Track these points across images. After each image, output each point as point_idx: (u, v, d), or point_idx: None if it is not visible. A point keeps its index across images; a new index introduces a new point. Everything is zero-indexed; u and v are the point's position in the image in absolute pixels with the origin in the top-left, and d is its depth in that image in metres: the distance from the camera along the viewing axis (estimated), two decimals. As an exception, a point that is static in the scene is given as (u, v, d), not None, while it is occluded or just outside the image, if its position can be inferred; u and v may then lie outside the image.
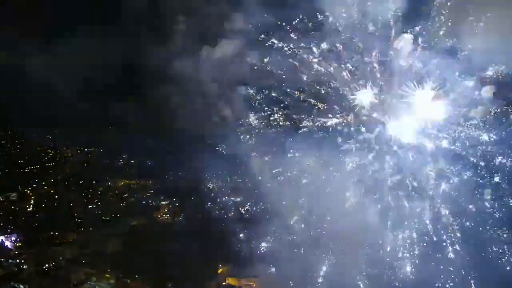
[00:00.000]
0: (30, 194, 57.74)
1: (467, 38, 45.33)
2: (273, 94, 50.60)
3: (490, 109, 47.53)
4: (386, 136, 52.05)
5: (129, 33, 53.83)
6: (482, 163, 50.12)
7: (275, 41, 48.53)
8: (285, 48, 49.11)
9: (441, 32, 46.24)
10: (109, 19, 54.51)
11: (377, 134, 52.40)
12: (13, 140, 61.33)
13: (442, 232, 51.22)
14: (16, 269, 50.82)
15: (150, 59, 52.47)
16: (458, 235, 50.74)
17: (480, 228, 50.23)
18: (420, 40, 47.00)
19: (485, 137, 48.87)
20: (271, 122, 53.67)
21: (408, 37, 46.69)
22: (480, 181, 50.72)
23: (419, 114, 49.31)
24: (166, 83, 52.00)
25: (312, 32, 48.49)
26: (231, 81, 49.58)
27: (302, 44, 48.97)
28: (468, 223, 50.56)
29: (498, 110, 47.67)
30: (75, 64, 55.30)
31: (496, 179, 50.52)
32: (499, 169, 49.94)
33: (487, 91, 47.13)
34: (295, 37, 48.77)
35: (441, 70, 46.58)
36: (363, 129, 52.23)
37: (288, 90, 49.36)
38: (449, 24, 45.67)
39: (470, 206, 51.00)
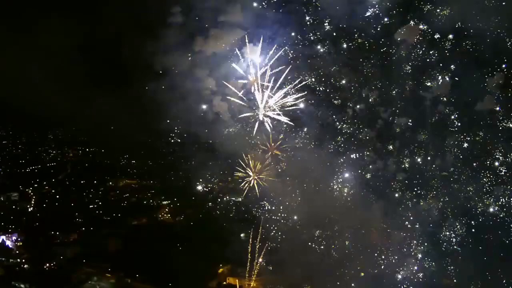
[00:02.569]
0: (31, 194, 57.96)
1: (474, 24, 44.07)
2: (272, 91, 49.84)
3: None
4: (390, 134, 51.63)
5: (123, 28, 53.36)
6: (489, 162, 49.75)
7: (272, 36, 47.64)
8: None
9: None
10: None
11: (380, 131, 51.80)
12: (14, 140, 61.67)
13: (446, 231, 50.97)
14: (17, 268, 50.92)
15: (145, 55, 52.05)
16: (463, 235, 50.43)
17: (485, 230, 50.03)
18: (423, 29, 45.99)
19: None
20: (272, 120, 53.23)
21: (411, 27, 45.65)
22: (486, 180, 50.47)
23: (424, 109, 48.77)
24: (162, 80, 51.75)
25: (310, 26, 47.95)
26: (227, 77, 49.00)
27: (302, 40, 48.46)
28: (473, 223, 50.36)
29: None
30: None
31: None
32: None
33: (494, 83, 45.81)
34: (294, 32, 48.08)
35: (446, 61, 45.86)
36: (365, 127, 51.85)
37: (287, 87, 48.74)
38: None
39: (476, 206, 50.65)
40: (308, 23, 47.96)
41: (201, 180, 59.35)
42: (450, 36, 46.09)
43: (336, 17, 46.66)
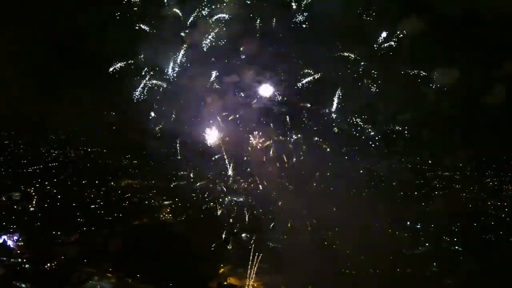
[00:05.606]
0: (33, 194, 58.03)
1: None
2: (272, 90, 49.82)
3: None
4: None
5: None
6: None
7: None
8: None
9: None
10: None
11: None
12: (16, 140, 61.93)
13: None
14: (18, 268, 50.86)
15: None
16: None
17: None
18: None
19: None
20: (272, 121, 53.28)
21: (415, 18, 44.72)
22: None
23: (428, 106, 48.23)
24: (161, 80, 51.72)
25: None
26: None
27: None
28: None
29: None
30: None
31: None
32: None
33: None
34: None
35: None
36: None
37: (287, 85, 48.69)
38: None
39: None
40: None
41: (202, 180, 59.43)
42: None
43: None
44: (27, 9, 53.88)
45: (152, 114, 53.81)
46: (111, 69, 51.12)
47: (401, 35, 45.17)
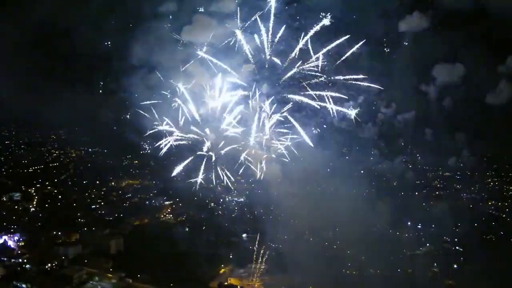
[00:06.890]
0: (34, 194, 58.06)
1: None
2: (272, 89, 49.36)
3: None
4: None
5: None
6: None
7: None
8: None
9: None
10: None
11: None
12: (16, 140, 61.94)
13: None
14: (19, 268, 50.78)
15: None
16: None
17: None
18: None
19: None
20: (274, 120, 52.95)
21: (418, 16, 44.30)
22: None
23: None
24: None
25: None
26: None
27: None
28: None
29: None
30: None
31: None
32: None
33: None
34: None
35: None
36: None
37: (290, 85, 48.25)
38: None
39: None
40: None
41: (203, 180, 59.17)
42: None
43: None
44: (27, 11, 53.95)
45: (152, 114, 53.50)
46: (111, 71, 51.07)
47: (405, 32, 44.89)
